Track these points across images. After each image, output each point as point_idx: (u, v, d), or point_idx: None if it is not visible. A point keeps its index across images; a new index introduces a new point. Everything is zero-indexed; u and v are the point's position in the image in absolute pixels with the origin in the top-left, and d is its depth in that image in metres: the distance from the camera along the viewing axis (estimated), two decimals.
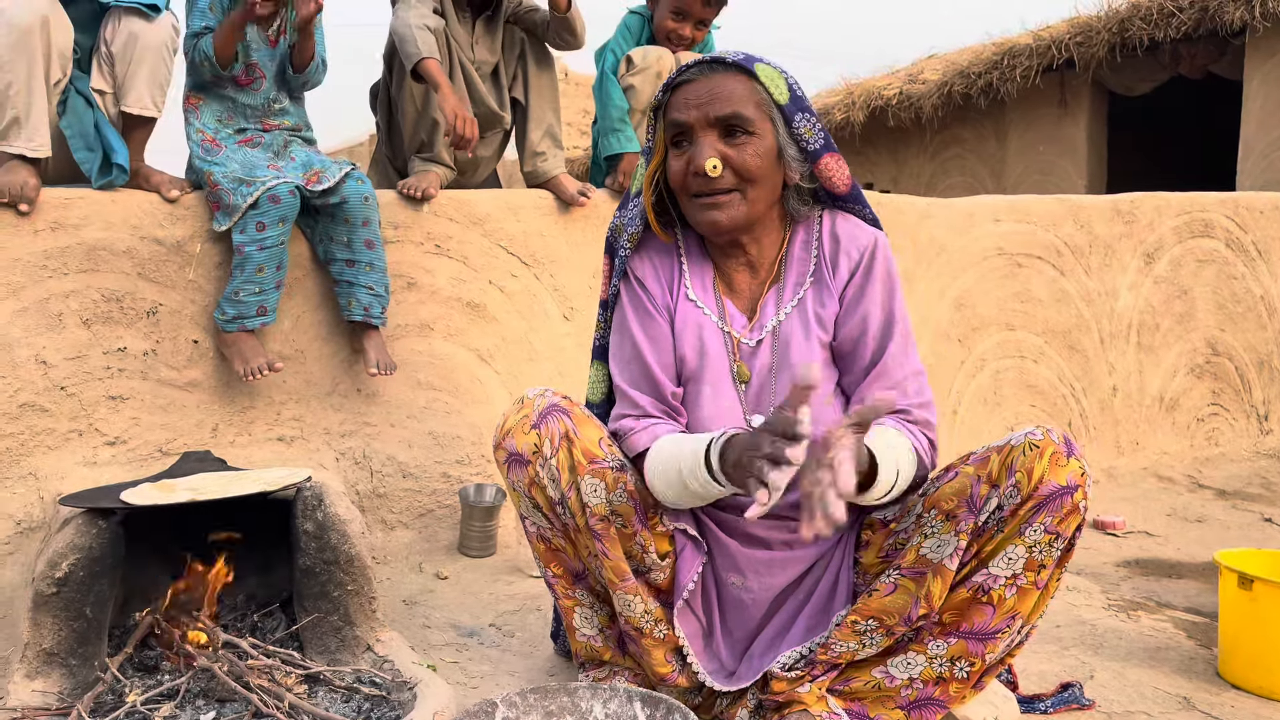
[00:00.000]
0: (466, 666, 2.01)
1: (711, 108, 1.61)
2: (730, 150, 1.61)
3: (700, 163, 1.60)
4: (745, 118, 1.61)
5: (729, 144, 1.61)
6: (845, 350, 1.70)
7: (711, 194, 1.63)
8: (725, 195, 1.63)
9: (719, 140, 1.61)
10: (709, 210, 1.64)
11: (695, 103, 1.61)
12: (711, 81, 1.62)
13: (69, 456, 2.39)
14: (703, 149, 1.61)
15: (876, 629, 1.56)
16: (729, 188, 1.63)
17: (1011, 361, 3.78)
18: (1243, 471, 4.02)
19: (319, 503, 1.95)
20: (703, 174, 1.61)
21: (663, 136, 1.68)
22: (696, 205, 1.66)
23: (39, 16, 2.27)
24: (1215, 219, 4.23)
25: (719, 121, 1.61)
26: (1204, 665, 2.10)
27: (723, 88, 1.61)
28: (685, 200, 1.68)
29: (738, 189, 1.63)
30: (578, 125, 10.59)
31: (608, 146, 3.19)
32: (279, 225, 2.46)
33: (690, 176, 1.64)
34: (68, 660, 1.78)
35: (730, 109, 1.60)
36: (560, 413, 1.66)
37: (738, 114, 1.60)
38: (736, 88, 1.62)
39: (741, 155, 1.61)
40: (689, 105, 1.62)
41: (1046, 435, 1.48)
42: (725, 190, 1.63)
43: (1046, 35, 7.40)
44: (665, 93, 1.66)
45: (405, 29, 2.79)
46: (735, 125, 1.61)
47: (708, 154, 1.60)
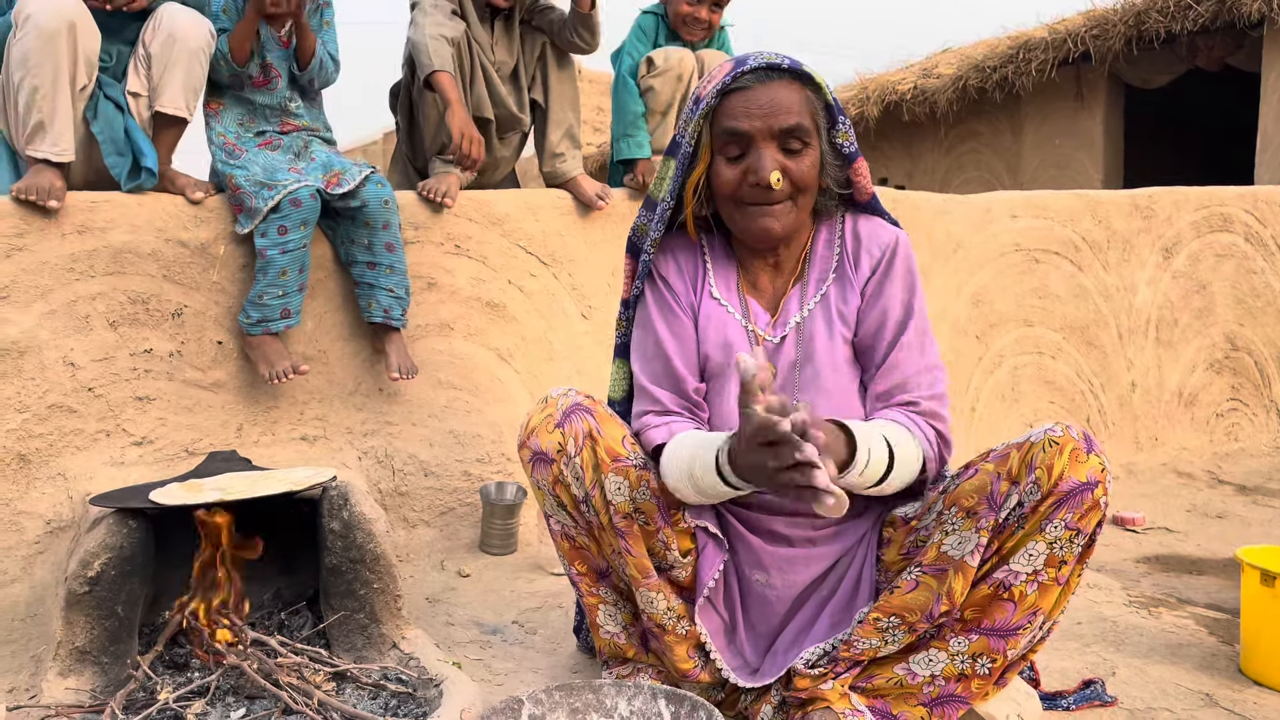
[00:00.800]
0: (490, 664, 2.03)
1: (775, 120, 1.61)
2: (789, 162, 1.63)
3: (765, 175, 1.61)
4: (805, 129, 1.63)
5: (787, 155, 1.63)
6: (866, 345, 1.71)
7: (769, 204, 1.65)
8: (780, 205, 1.65)
9: (778, 151, 1.63)
10: (764, 219, 1.66)
11: (758, 113, 1.61)
12: (771, 90, 1.62)
13: (97, 457, 2.42)
14: (765, 161, 1.62)
15: (899, 626, 1.58)
16: (785, 198, 1.65)
17: (1029, 358, 3.77)
18: (1263, 467, 4.00)
19: (345, 502, 1.97)
20: (765, 185, 1.62)
21: (709, 141, 1.67)
22: (749, 213, 1.67)
23: (66, 22, 2.29)
24: (1234, 213, 4.22)
25: (781, 134, 1.62)
26: (1226, 662, 2.10)
27: (783, 98, 1.62)
28: (732, 207, 1.69)
29: (791, 198, 1.66)
30: (592, 122, 10.61)
31: (621, 151, 3.21)
32: (301, 228, 2.49)
33: (746, 187, 1.64)
34: (100, 658, 1.81)
35: (793, 121, 1.62)
36: (584, 412, 1.68)
37: (800, 126, 1.62)
38: (795, 98, 1.63)
39: (800, 167, 1.64)
40: (751, 115, 1.62)
41: (1066, 432, 1.49)
42: (780, 200, 1.65)
43: (1062, 28, 7.36)
44: (717, 98, 1.65)
45: (421, 39, 2.81)
46: (795, 136, 1.62)
47: (771, 166, 1.61)
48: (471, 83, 2.98)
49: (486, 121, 3.06)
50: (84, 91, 2.42)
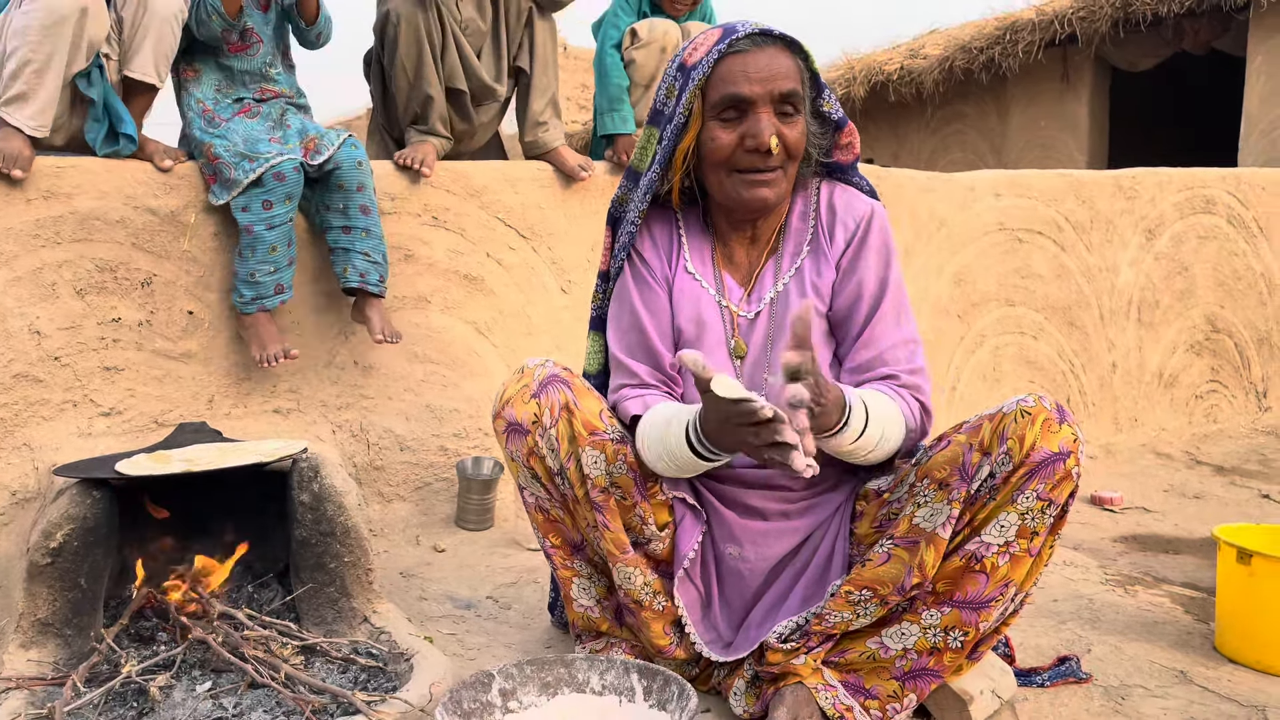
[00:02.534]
0: (463, 638, 2.01)
1: (775, 84, 1.58)
2: (785, 128, 1.61)
3: (765, 139, 1.58)
4: (799, 95, 1.61)
5: (783, 121, 1.61)
6: (841, 318, 1.69)
7: (764, 170, 1.62)
8: (773, 173, 1.63)
9: (773, 117, 1.60)
10: (758, 187, 1.63)
11: (758, 77, 1.58)
12: (768, 55, 1.59)
13: (63, 427, 2.38)
14: (765, 125, 1.58)
15: (870, 599, 1.56)
16: (778, 165, 1.62)
17: (1011, 337, 3.77)
18: (1241, 448, 4.01)
19: (315, 474, 1.94)
20: (765, 150, 1.59)
21: (700, 108, 1.63)
22: (742, 181, 1.63)
23: (78, 7, 2.25)
24: (1217, 195, 4.21)
25: (779, 98, 1.59)
26: (1201, 640, 2.10)
27: (781, 63, 1.59)
28: (723, 173, 1.65)
29: (783, 167, 1.63)
30: (576, 100, 10.53)
31: (605, 126, 3.16)
32: (286, 203, 2.44)
33: (742, 152, 1.61)
34: (63, 630, 1.78)
35: (790, 85, 1.59)
36: (561, 383, 1.66)
37: (796, 91, 1.60)
38: (789, 63, 1.61)
39: (793, 133, 1.62)
40: (750, 79, 1.58)
41: (1039, 402, 1.48)
42: (774, 168, 1.62)
43: (1049, 10, 7.34)
44: (713, 62, 1.60)
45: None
46: (791, 102, 1.60)
47: (770, 130, 1.58)
48: (443, 53, 2.92)
49: (460, 93, 3.01)
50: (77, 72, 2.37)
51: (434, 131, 2.95)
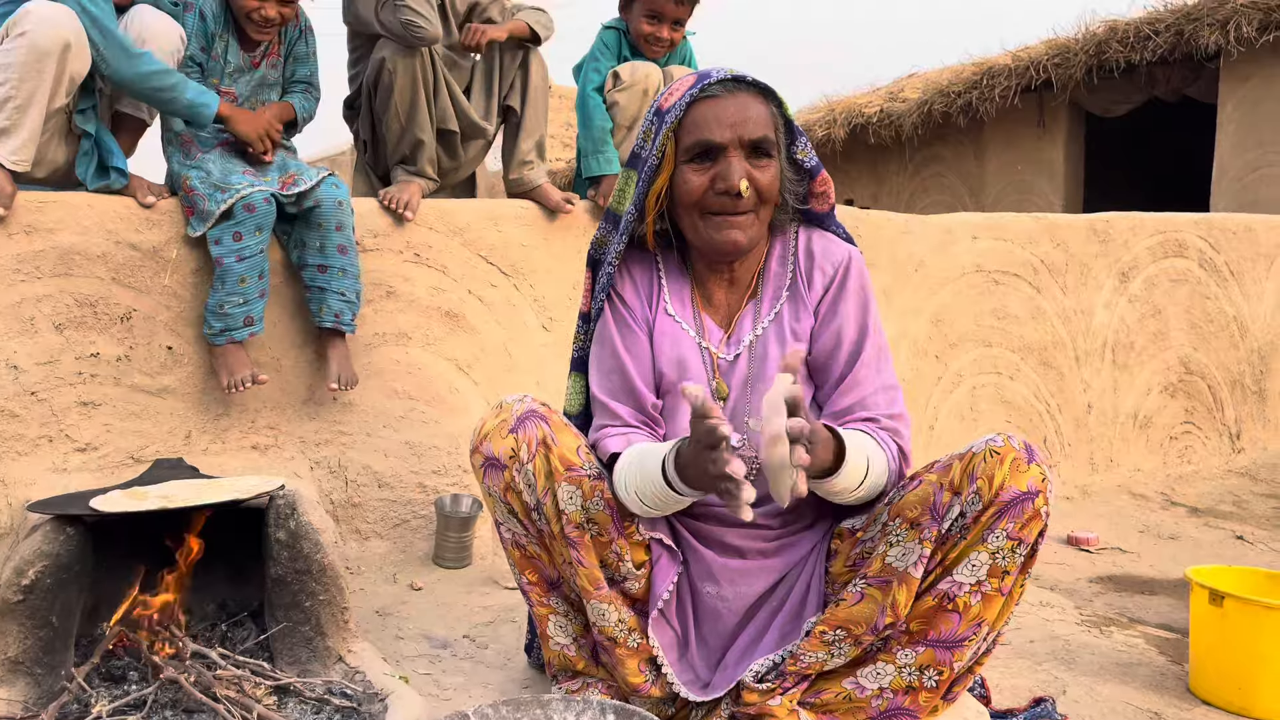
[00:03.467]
0: (439, 678, 2.00)
1: (745, 129, 1.62)
2: (756, 172, 1.63)
3: (734, 182, 1.61)
4: (771, 141, 1.64)
5: (754, 165, 1.63)
6: (820, 364, 1.71)
7: (734, 213, 1.64)
8: (744, 216, 1.65)
9: (744, 161, 1.63)
10: (729, 230, 1.65)
11: (729, 122, 1.62)
12: (740, 101, 1.63)
13: (38, 463, 2.36)
14: (735, 169, 1.61)
15: (844, 638, 1.57)
16: (749, 208, 1.65)
17: (988, 378, 3.80)
18: (1215, 489, 4.05)
19: (292, 511, 1.94)
20: (734, 194, 1.61)
21: (673, 152, 1.67)
22: (714, 223, 1.66)
23: (61, 43, 2.25)
24: (1189, 239, 4.28)
25: (750, 143, 1.62)
26: (1175, 681, 2.12)
27: (753, 109, 1.63)
28: (695, 217, 1.68)
29: (754, 210, 1.66)
30: (560, 138, 10.61)
31: (588, 168, 3.20)
32: (256, 234, 2.45)
33: (712, 195, 1.64)
34: (33, 669, 1.76)
35: (761, 131, 1.63)
36: (538, 418, 1.66)
37: (767, 137, 1.63)
38: (761, 109, 1.64)
39: (765, 177, 1.64)
40: (721, 124, 1.62)
41: (1007, 441, 1.50)
42: (745, 211, 1.64)
43: (1025, 56, 7.48)
44: (685, 107, 1.64)
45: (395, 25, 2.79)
46: (762, 148, 1.63)
47: (740, 174, 1.61)
48: (435, 96, 2.96)
49: (450, 133, 3.04)
50: (59, 109, 2.37)
51: (421, 173, 2.98)
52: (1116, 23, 6.83)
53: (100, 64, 2.37)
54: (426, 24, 2.76)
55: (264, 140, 2.61)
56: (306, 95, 2.86)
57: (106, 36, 2.34)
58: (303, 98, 2.85)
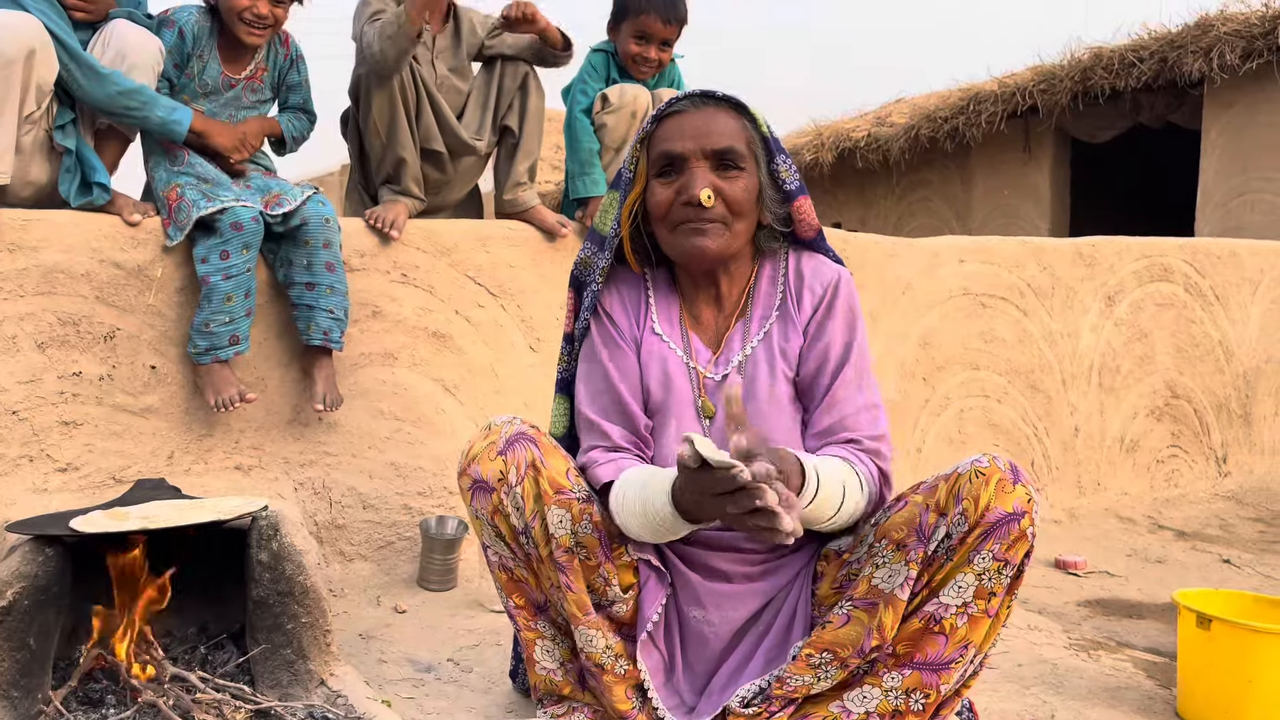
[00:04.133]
0: (423, 703, 1.97)
1: (708, 140, 1.63)
2: (723, 183, 1.64)
3: (695, 191, 1.61)
4: (738, 152, 1.64)
5: (721, 176, 1.64)
6: (807, 384, 1.71)
7: (700, 221, 1.64)
8: (711, 224, 1.65)
9: (710, 172, 1.63)
10: (695, 237, 1.65)
11: (691, 134, 1.63)
12: (705, 114, 1.64)
13: (18, 483, 2.33)
14: (697, 178, 1.62)
15: (831, 661, 1.55)
16: (717, 218, 1.64)
17: (976, 400, 3.81)
18: (1201, 513, 4.06)
19: (274, 533, 1.92)
20: (696, 203, 1.62)
21: (644, 167, 1.69)
22: (682, 233, 1.66)
23: (26, 49, 2.24)
24: (1174, 264, 4.31)
25: (714, 154, 1.63)
26: (1163, 705, 2.11)
27: (719, 123, 1.64)
28: (666, 230, 1.69)
29: (724, 220, 1.65)
30: (549, 160, 10.64)
31: (577, 190, 3.20)
32: (243, 253, 2.43)
33: (678, 206, 1.65)
34: (9, 692, 1.73)
35: (726, 142, 1.63)
36: (527, 441, 1.65)
37: (733, 148, 1.63)
38: (730, 122, 1.65)
39: (733, 188, 1.64)
40: (684, 136, 1.63)
41: (993, 462, 1.49)
42: (712, 220, 1.64)
43: (1011, 82, 7.55)
44: (654, 123, 1.67)
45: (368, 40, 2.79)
46: (729, 159, 1.63)
47: (703, 183, 1.62)
48: (418, 115, 2.95)
49: (437, 154, 3.04)
50: (30, 117, 2.36)
51: (407, 192, 2.97)
52: (1101, 50, 6.91)
53: (70, 84, 2.36)
54: (380, 57, 2.74)
55: (241, 150, 2.60)
56: (298, 115, 2.87)
57: (73, 56, 2.33)
58: (293, 116, 2.85)
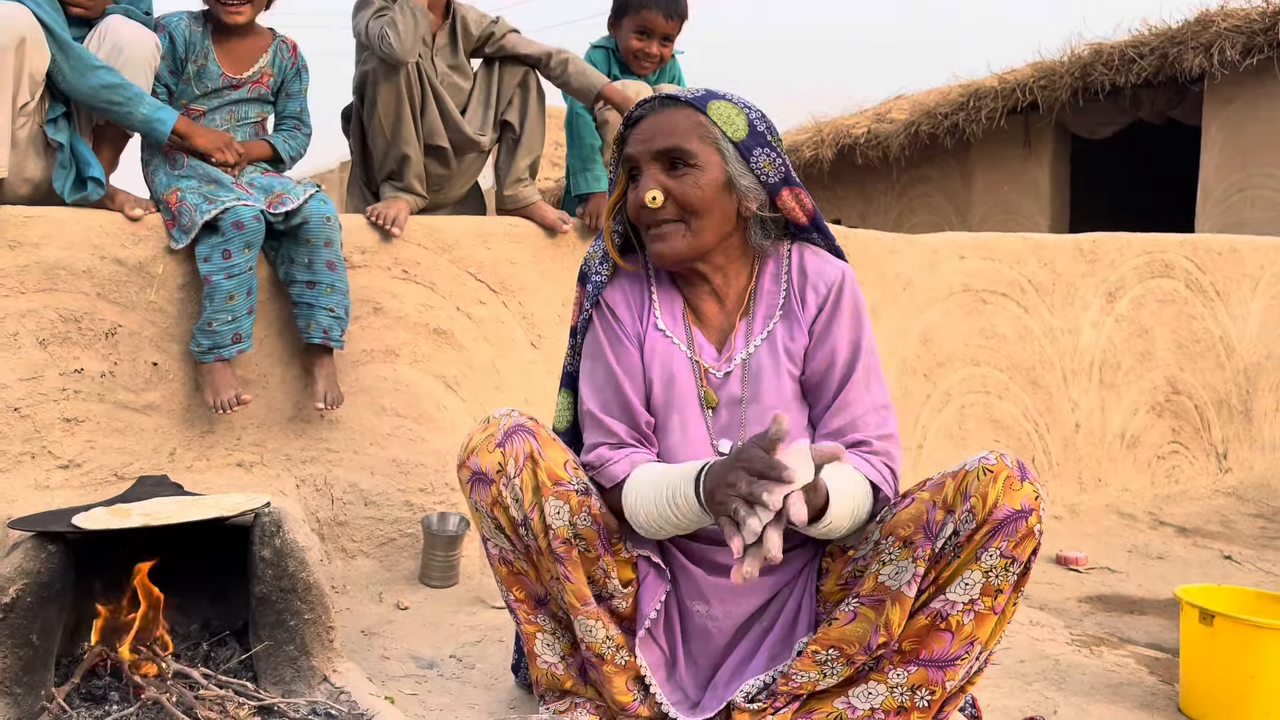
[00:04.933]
0: (425, 699, 1.97)
1: (653, 142, 1.66)
2: (671, 182, 1.65)
3: (640, 195, 1.66)
4: (686, 150, 1.65)
5: (671, 176, 1.66)
6: (814, 383, 1.71)
7: (657, 225, 1.68)
8: (670, 226, 1.67)
9: (661, 173, 1.66)
10: (656, 242, 1.69)
11: (641, 138, 1.68)
12: (659, 117, 1.67)
13: (20, 479, 2.33)
14: (644, 182, 1.66)
15: (837, 658, 1.55)
16: (672, 219, 1.67)
17: (977, 397, 3.81)
18: (1202, 509, 4.06)
19: (277, 529, 1.92)
20: (642, 206, 1.65)
21: (623, 170, 1.73)
22: (649, 237, 1.71)
23: (16, 38, 2.23)
24: (1175, 260, 4.31)
25: (660, 155, 1.66)
26: (1165, 701, 2.11)
27: (667, 123, 1.66)
28: (641, 232, 1.74)
29: (681, 220, 1.67)
30: (550, 156, 10.62)
31: (579, 186, 3.20)
32: (245, 251, 2.43)
33: (639, 209, 1.68)
34: (12, 689, 1.73)
35: (669, 143, 1.65)
36: (526, 433, 1.65)
37: (677, 147, 1.65)
38: (680, 122, 1.66)
39: (682, 187, 1.65)
40: (637, 140, 1.68)
41: (1000, 460, 1.49)
42: (669, 221, 1.67)
43: (1011, 78, 7.55)
44: (625, 128, 1.72)
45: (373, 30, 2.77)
46: (676, 158, 1.65)
47: (648, 186, 1.65)
48: (423, 111, 2.95)
49: (441, 149, 3.03)
50: (24, 109, 2.35)
51: (409, 189, 2.97)
52: (1102, 46, 6.90)
53: (56, 76, 2.35)
54: (396, 42, 2.73)
55: (224, 152, 2.59)
56: (294, 133, 2.86)
57: (62, 47, 2.33)
58: (289, 135, 2.85)
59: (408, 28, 2.73)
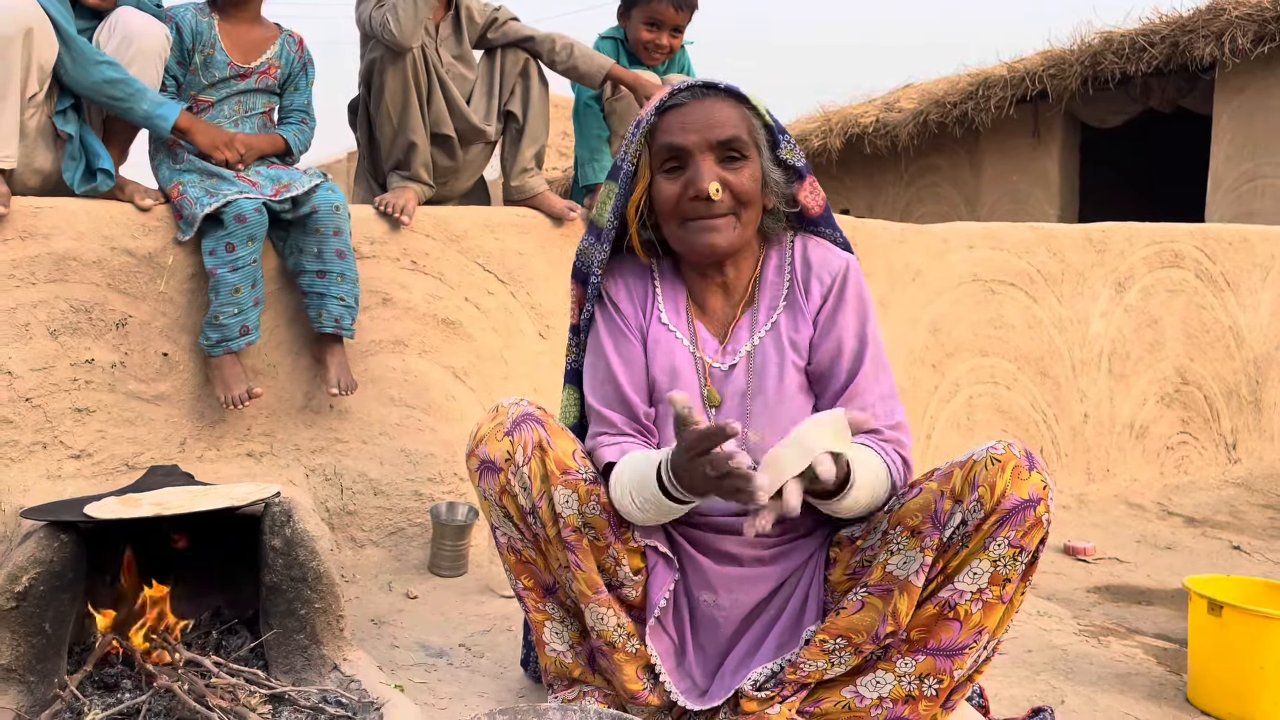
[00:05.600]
0: (435, 687, 1.99)
1: (711, 132, 1.62)
2: (728, 174, 1.63)
3: (703, 186, 1.60)
4: (742, 141, 1.63)
5: (726, 168, 1.63)
6: (819, 374, 1.71)
7: (709, 217, 1.64)
8: (722, 219, 1.64)
9: (716, 164, 1.62)
10: (706, 234, 1.65)
11: (694, 126, 1.62)
12: (706, 105, 1.63)
13: (32, 469, 2.34)
14: (704, 172, 1.61)
15: (845, 647, 1.56)
16: (726, 211, 1.64)
17: (985, 387, 3.80)
18: (1211, 499, 4.05)
19: (287, 519, 1.93)
20: (704, 197, 1.61)
21: (647, 161, 1.67)
22: (691, 229, 1.66)
23: (23, 28, 2.24)
24: (1185, 250, 4.29)
25: (719, 145, 1.62)
26: (1173, 691, 2.11)
27: (719, 112, 1.63)
28: (674, 224, 1.68)
29: (733, 212, 1.65)
30: (557, 146, 10.62)
31: (587, 176, 3.20)
32: (248, 244, 2.44)
33: (686, 201, 1.64)
34: (25, 677, 1.74)
35: (729, 133, 1.62)
36: (534, 422, 1.66)
37: (736, 138, 1.62)
38: (731, 113, 1.64)
39: (740, 179, 1.63)
40: (687, 129, 1.62)
41: (1008, 449, 1.49)
42: (722, 214, 1.64)
43: (1020, 67, 7.51)
44: (655, 116, 1.65)
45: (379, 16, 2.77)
46: (733, 149, 1.62)
47: (710, 176, 1.61)
48: (429, 99, 2.95)
49: (447, 138, 3.03)
50: (34, 100, 2.36)
51: (416, 178, 2.97)
52: (1112, 34, 6.86)
53: (59, 68, 2.36)
54: (396, 28, 2.73)
55: (222, 150, 2.56)
56: (302, 126, 2.86)
57: (65, 40, 2.33)
58: (298, 128, 2.85)
59: (408, 12, 2.73)
